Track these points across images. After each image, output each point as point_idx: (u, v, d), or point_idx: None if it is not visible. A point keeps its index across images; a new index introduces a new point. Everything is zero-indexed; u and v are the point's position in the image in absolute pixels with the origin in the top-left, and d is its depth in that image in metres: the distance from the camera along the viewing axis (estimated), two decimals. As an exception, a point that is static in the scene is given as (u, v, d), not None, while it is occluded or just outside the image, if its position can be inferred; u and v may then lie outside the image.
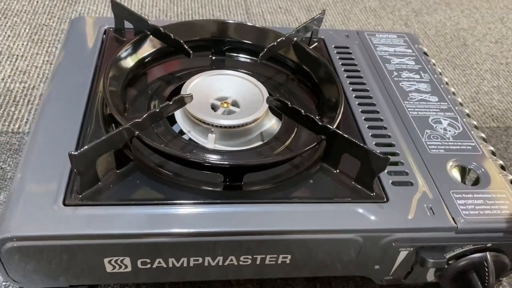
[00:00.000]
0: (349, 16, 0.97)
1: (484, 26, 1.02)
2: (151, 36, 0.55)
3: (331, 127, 0.43)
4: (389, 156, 0.40)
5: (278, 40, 0.55)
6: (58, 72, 0.53)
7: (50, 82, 0.52)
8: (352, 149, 0.42)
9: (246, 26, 0.60)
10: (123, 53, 0.51)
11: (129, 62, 0.52)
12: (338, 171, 0.45)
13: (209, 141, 0.47)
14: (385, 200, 0.43)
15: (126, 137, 0.41)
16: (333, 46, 0.64)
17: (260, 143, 0.50)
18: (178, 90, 0.53)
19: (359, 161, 0.43)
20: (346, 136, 0.42)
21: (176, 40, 0.53)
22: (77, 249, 0.38)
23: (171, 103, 0.44)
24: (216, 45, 0.60)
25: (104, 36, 0.59)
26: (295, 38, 0.58)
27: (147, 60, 0.55)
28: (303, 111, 0.45)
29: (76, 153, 0.37)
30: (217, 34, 0.59)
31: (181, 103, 0.46)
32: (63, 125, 0.46)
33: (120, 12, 0.57)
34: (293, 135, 0.50)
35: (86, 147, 0.38)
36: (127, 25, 0.59)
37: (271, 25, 0.90)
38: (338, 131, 0.43)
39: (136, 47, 0.53)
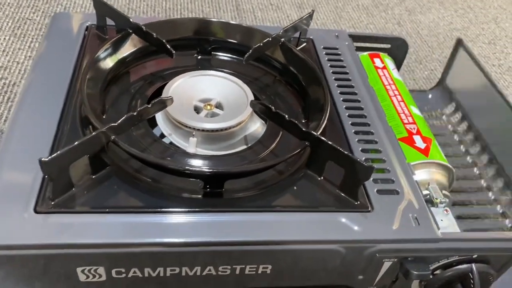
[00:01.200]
0: (341, 14, 0.95)
1: (478, 26, 1.01)
2: (133, 34, 0.53)
3: (315, 134, 0.42)
4: (373, 165, 0.39)
5: (265, 41, 0.53)
6: (35, 70, 0.51)
7: (26, 81, 0.50)
8: (336, 157, 0.41)
9: (232, 25, 0.58)
10: (101, 54, 0.49)
11: (108, 63, 0.50)
12: (322, 178, 0.44)
13: (190, 145, 0.46)
14: (369, 209, 0.41)
15: (102, 142, 0.39)
16: (322, 46, 0.62)
17: (244, 147, 0.48)
18: (161, 90, 0.51)
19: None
20: (330, 143, 0.41)
21: (158, 39, 0.51)
22: (49, 259, 0.37)
23: (149, 106, 0.42)
24: (201, 44, 0.58)
25: (86, 33, 0.57)
26: (282, 39, 0.56)
27: (128, 59, 0.53)
28: (287, 116, 0.43)
29: (46, 159, 0.35)
30: (202, 33, 0.57)
31: (161, 106, 0.44)
32: (38, 126, 0.44)
33: (102, 9, 0.55)
34: (278, 139, 0.48)
35: (58, 152, 0.36)
36: (111, 22, 0.57)
37: (261, 22, 0.89)
38: (322, 138, 0.41)
39: (116, 46, 0.51)
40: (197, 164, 0.44)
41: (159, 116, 0.49)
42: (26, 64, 0.71)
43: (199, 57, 0.58)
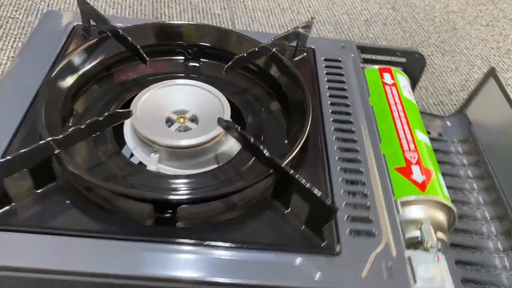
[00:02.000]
0: (334, 1, 0.89)
1: (475, 8, 0.93)
2: (110, 38, 0.50)
3: (279, 163, 0.37)
4: (336, 206, 0.34)
5: (249, 51, 0.49)
6: (11, 72, 0.49)
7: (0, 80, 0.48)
8: (299, 190, 0.36)
9: (221, 31, 0.54)
10: (70, 59, 0.47)
11: (75, 72, 0.47)
12: (289, 210, 0.39)
13: (151, 162, 0.42)
14: (336, 252, 0.36)
15: (44, 155, 0.36)
16: (323, 58, 0.57)
17: (214, 166, 0.44)
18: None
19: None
20: (291, 173, 0.36)
21: (133, 44, 0.47)
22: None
23: (100, 118, 0.39)
24: (189, 50, 0.54)
25: (71, 33, 0.55)
26: (274, 48, 0.51)
27: (103, 65, 0.50)
28: (252, 139, 0.38)
29: (-29, 173, 0.32)
30: (191, 38, 0.54)
31: (116, 119, 0.41)
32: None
33: (85, 9, 0.53)
34: (252, 160, 0.44)
35: (-13, 166, 0.33)
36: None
37: (251, 12, 0.84)
38: (285, 168, 0.36)
39: (87, 51, 0.48)
40: (152, 185, 0.40)
41: (126, 128, 0.46)
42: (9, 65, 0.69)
43: (187, 63, 0.55)
